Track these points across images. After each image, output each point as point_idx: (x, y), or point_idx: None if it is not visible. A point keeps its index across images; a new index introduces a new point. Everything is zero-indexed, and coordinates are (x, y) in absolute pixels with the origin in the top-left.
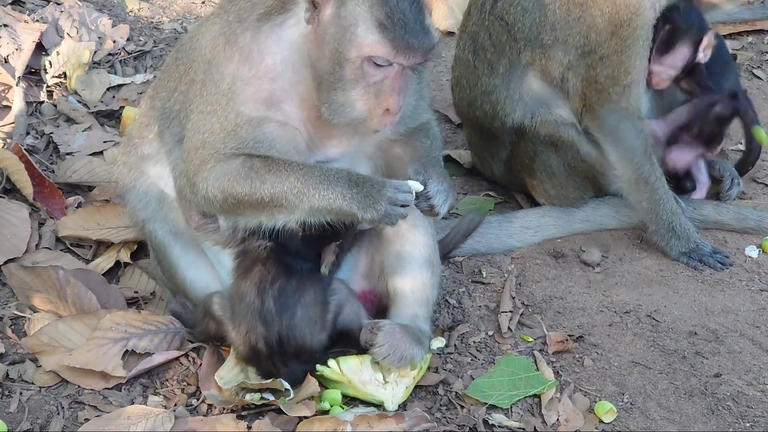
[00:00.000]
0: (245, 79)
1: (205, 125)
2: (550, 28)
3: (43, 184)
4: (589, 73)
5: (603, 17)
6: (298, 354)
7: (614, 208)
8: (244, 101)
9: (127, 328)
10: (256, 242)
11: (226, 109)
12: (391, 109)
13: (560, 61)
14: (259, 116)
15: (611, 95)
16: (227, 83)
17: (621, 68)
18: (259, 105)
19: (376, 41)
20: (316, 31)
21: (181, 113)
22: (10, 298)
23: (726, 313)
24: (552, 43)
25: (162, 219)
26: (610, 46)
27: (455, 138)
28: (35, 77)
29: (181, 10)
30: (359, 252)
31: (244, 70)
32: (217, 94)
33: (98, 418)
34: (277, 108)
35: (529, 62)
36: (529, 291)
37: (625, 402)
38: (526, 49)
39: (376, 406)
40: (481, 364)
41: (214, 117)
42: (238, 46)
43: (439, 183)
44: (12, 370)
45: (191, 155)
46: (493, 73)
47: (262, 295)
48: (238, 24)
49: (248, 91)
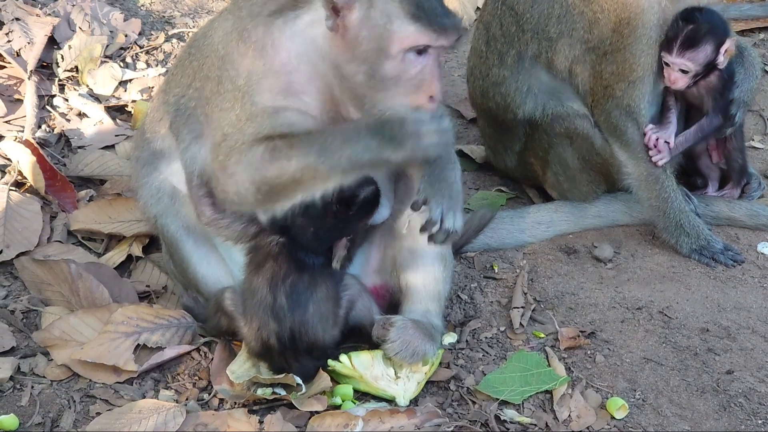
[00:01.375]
0: (261, 73)
1: (224, 120)
2: (556, 21)
3: (54, 177)
4: (595, 68)
5: (604, 13)
6: (310, 350)
7: (626, 204)
8: (261, 93)
9: (138, 323)
10: (267, 238)
11: (243, 102)
12: (435, 96)
13: (566, 55)
14: (278, 105)
15: (615, 91)
16: (243, 78)
17: (625, 65)
18: (276, 95)
19: (415, 30)
20: (344, 36)
21: (197, 110)
22: (22, 292)
23: (738, 310)
24: (558, 36)
25: (174, 214)
26: (613, 42)
27: (467, 133)
28: (47, 71)
29: (192, 5)
30: (371, 247)
31: (259, 64)
32: (234, 90)
33: (109, 412)
34: (296, 97)
35: (536, 54)
36: (541, 287)
37: (636, 398)
38: (533, 40)
39: (388, 401)
40: (493, 359)
41: (233, 112)
42: (251, 41)
43: (438, 204)
44: (23, 363)
45: (216, 152)
46: (503, 64)
47: (274, 291)
48: (250, 20)
49: (265, 84)
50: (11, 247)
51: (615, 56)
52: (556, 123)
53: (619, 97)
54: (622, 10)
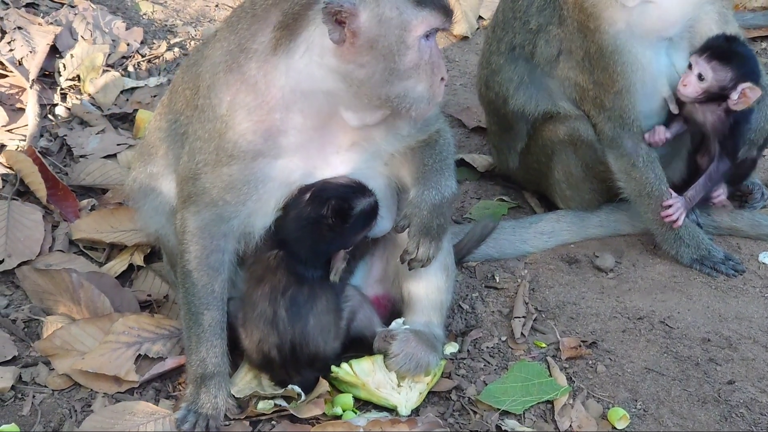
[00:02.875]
0: (248, 108)
1: (200, 152)
2: (536, 11)
3: (56, 186)
4: (578, 77)
5: (572, 19)
6: (312, 362)
7: (628, 214)
8: (243, 131)
9: (140, 332)
10: (266, 251)
11: (223, 137)
12: (444, 76)
13: (542, 51)
14: (254, 150)
15: (604, 102)
16: (225, 108)
17: (605, 75)
18: (257, 137)
19: (426, 15)
20: (354, 43)
21: (185, 136)
22: (24, 301)
23: (740, 320)
24: (537, 29)
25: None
26: (585, 49)
27: (469, 142)
28: (49, 80)
29: (194, 13)
30: (374, 257)
31: (248, 98)
32: (215, 120)
33: (105, 409)
34: (273, 141)
35: (521, 44)
36: (542, 296)
37: (638, 408)
38: (522, 30)
39: (389, 410)
40: (494, 369)
41: (211, 143)
42: (240, 74)
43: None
44: (25, 372)
45: (181, 183)
46: (499, 51)
47: (274, 304)
48: (240, 53)
49: (248, 122)
50: (13, 256)
51: (592, 65)
52: (562, 128)
53: (609, 108)
54: (587, 20)
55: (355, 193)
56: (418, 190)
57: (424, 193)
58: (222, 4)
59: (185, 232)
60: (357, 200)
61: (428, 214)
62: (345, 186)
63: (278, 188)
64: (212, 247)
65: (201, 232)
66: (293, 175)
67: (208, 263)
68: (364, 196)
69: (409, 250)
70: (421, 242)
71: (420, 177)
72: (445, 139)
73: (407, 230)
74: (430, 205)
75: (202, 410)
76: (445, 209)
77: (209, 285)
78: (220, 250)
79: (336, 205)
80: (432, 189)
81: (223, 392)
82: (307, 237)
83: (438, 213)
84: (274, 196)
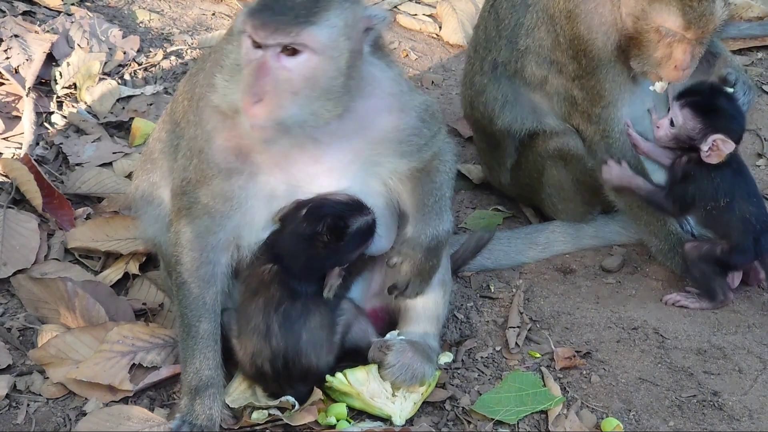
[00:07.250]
0: (223, 125)
1: (185, 169)
2: (525, 33)
3: (52, 195)
4: (567, 93)
5: (565, 38)
6: (304, 377)
7: (623, 224)
8: (217, 148)
9: (134, 342)
10: (261, 265)
11: (202, 154)
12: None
13: (533, 72)
14: (229, 168)
15: (592, 117)
16: (212, 125)
17: (593, 91)
18: (229, 155)
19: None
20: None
21: (177, 149)
22: (19, 309)
23: (734, 330)
24: (525, 50)
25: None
26: (576, 68)
27: (464, 152)
28: (45, 88)
29: (191, 22)
30: (373, 272)
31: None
32: (200, 138)
33: (100, 410)
34: (245, 158)
35: (506, 62)
36: (537, 306)
37: (631, 418)
38: (506, 48)
39: (383, 420)
40: (489, 379)
41: (193, 160)
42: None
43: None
44: (19, 381)
45: (173, 196)
46: (483, 71)
47: (267, 319)
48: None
49: (221, 139)
50: (8, 264)
51: (582, 82)
52: (552, 143)
53: (595, 122)
54: (579, 41)
55: (352, 211)
56: (415, 230)
57: (420, 236)
58: (219, 14)
59: (177, 244)
60: (353, 218)
61: (422, 258)
62: (342, 203)
63: (263, 204)
64: (202, 260)
65: (191, 244)
66: (277, 191)
67: (199, 275)
68: (361, 215)
69: (398, 286)
70: (412, 281)
71: (418, 215)
72: (444, 169)
73: (398, 267)
74: (425, 249)
75: (197, 421)
76: (440, 250)
77: (201, 297)
78: (210, 262)
79: (331, 222)
80: (429, 231)
81: (218, 403)
82: (301, 253)
83: (432, 255)
84: (260, 211)
